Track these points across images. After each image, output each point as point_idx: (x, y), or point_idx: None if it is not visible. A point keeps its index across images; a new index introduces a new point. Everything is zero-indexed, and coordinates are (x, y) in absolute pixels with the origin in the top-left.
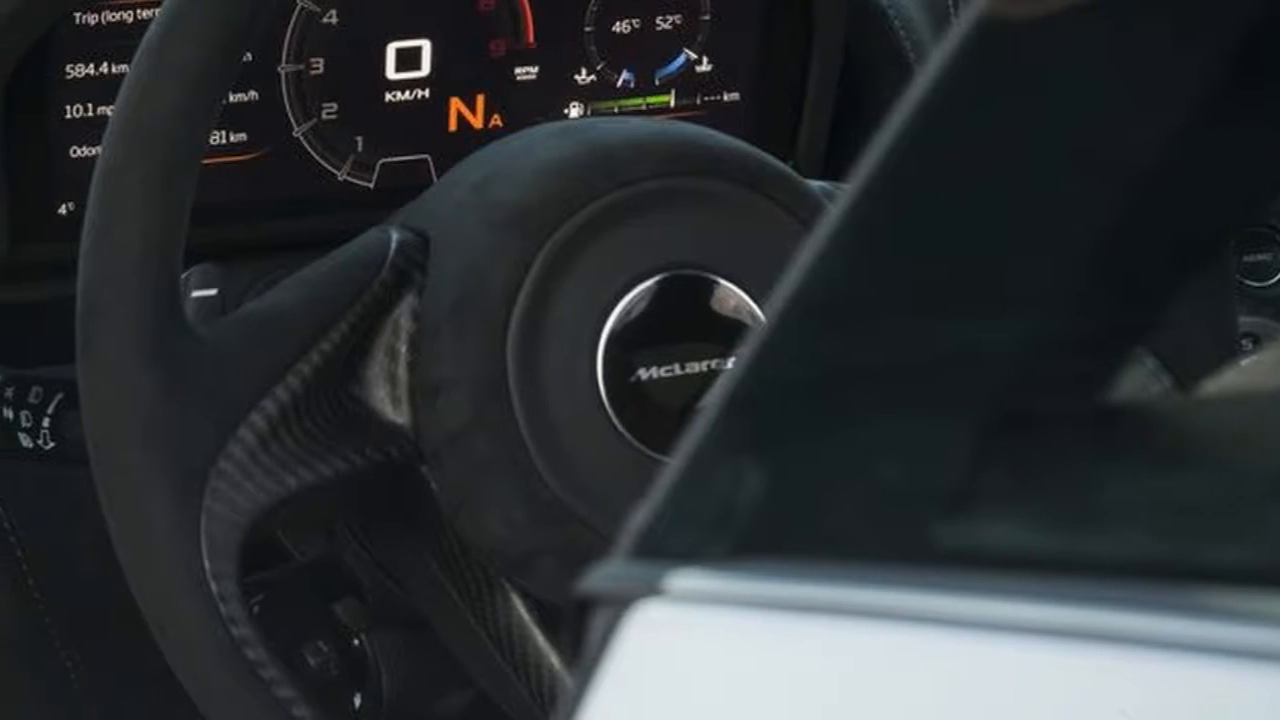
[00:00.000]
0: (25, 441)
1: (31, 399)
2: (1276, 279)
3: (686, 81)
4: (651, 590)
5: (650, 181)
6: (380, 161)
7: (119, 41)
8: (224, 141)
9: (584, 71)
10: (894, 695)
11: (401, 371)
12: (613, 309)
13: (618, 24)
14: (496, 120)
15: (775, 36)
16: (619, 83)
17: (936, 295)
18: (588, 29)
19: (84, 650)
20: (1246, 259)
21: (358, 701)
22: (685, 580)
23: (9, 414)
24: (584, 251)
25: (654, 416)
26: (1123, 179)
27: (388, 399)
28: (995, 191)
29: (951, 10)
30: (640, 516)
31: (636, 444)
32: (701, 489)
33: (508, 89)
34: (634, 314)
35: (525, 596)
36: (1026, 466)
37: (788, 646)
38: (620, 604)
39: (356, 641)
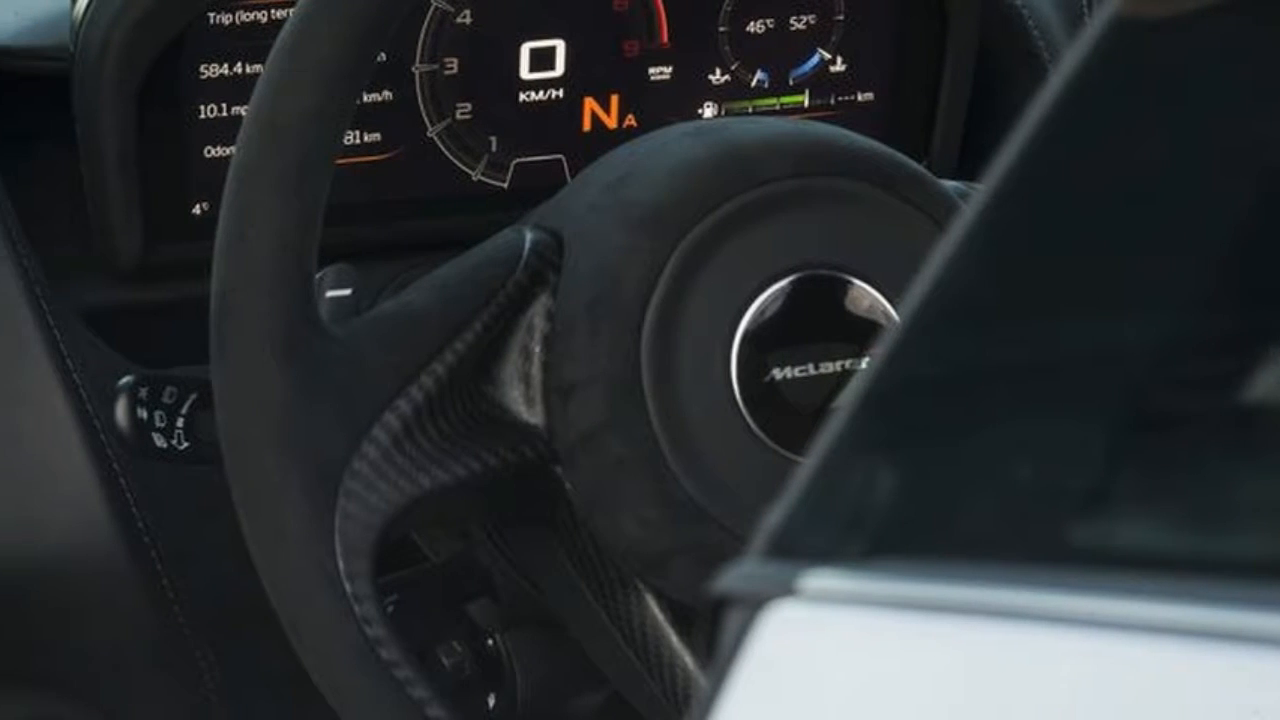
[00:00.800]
0: (159, 441)
1: (165, 399)
2: None
3: (821, 81)
4: (786, 590)
5: (784, 181)
6: (514, 162)
7: (253, 41)
8: (358, 142)
9: (718, 71)
10: (1027, 695)
11: (535, 371)
12: (747, 309)
13: (752, 24)
14: (630, 120)
15: (909, 36)
16: (753, 83)
17: (1071, 295)
18: (722, 29)
19: (218, 650)
20: None
21: (491, 702)
22: (819, 580)
23: (143, 414)
24: (718, 251)
25: (788, 416)
26: (1257, 177)
27: (522, 399)
28: (1130, 191)
29: (1085, 10)
30: (774, 516)
31: (770, 444)
32: (835, 489)
33: (642, 89)
34: (768, 314)
35: (659, 596)
36: (1162, 466)
37: (921, 646)
38: (754, 604)
39: (491, 642)
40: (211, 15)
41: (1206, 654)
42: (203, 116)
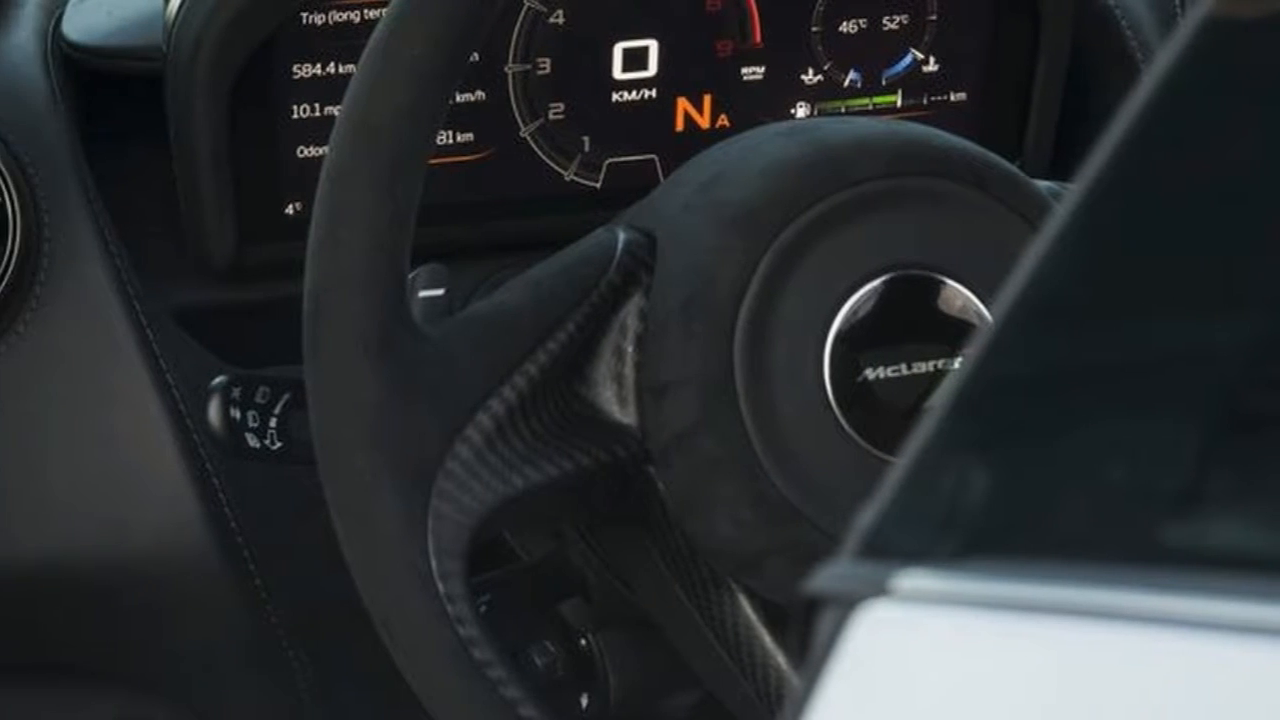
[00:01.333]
0: (252, 441)
1: (258, 399)
2: None
3: (913, 81)
4: (878, 590)
5: (877, 181)
6: (607, 161)
7: (345, 41)
8: (451, 141)
9: (811, 71)
10: (1120, 695)
11: (628, 371)
12: (839, 309)
13: (844, 24)
14: (723, 120)
15: (1002, 36)
16: (846, 83)
17: (1163, 295)
18: (814, 29)
19: (311, 649)
20: None
21: (584, 702)
22: (912, 580)
23: (236, 414)
24: (811, 251)
25: (880, 416)
26: None
27: (614, 399)
28: (1222, 191)
29: (1178, 10)
30: (867, 516)
31: (863, 444)
32: (928, 489)
33: (734, 89)
34: (860, 314)
35: (752, 596)
36: (1255, 466)
37: (1014, 646)
38: (847, 604)
39: (583, 642)
40: (304, 15)
41: None
42: (295, 116)
